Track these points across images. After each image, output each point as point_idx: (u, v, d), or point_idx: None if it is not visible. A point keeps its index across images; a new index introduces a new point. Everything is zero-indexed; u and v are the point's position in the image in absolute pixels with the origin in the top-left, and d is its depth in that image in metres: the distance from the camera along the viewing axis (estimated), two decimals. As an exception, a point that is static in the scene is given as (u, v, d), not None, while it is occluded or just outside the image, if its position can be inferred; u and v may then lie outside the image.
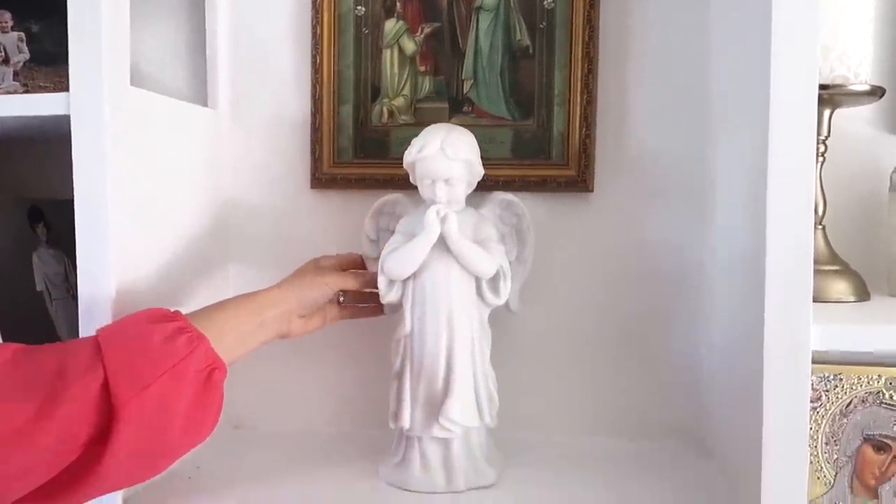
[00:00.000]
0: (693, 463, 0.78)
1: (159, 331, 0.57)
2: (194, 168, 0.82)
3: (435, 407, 0.70)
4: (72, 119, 0.65)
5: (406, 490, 0.71)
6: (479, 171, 0.73)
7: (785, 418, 0.59)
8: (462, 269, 0.71)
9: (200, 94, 0.87)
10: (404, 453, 0.73)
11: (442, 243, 0.70)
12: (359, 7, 0.85)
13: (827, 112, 0.72)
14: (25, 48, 0.78)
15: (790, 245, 0.57)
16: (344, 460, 0.79)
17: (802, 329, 0.58)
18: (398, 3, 0.85)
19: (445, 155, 0.69)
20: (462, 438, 0.72)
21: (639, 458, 0.79)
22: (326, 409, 0.89)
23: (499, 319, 0.77)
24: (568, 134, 0.82)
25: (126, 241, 0.68)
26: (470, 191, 0.74)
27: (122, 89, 0.67)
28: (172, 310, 0.61)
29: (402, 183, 0.78)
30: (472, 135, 0.73)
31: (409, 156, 0.72)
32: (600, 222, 0.84)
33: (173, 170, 0.77)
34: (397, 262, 0.71)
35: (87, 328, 0.65)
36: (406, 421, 0.71)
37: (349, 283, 0.75)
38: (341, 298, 0.76)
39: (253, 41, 0.88)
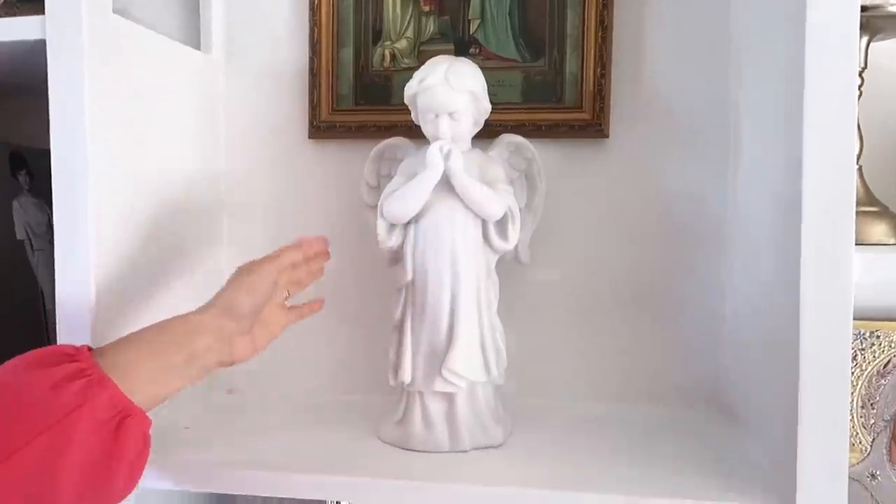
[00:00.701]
0: (717, 429, 0.73)
1: (44, 378, 0.47)
2: (184, 114, 0.77)
3: (438, 359, 0.65)
4: (48, 44, 0.61)
5: (406, 449, 0.66)
6: (486, 107, 0.68)
7: (824, 376, 0.53)
8: (467, 210, 0.66)
9: (193, 38, 0.83)
10: (405, 410, 0.68)
11: (446, 183, 0.65)
12: (359, -55, 0.81)
13: (864, 40, 0.66)
14: (6, -18, 0.74)
15: (829, 185, 0.51)
16: (340, 422, 0.74)
17: (844, 276, 0.52)
18: (401, -60, 0.80)
19: (449, 85, 0.64)
20: (467, 394, 0.66)
21: (657, 425, 0.73)
22: (324, 373, 0.84)
23: (507, 272, 0.72)
24: (582, 75, 0.77)
25: (107, 181, 0.63)
26: (476, 130, 0.69)
27: (103, 15, 0.63)
28: (79, 345, 0.51)
29: (405, 131, 0.74)
30: (477, 67, 0.68)
31: (411, 88, 0.67)
32: (616, 170, 0.78)
33: (161, 112, 0.73)
34: (398, 203, 0.66)
35: (64, 283, 0.61)
36: (407, 375, 0.66)
37: (284, 260, 0.63)
38: (287, 294, 0.66)
39: (248, -18, 0.84)
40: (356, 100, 0.82)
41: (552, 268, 0.79)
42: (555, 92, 0.78)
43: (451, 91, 0.64)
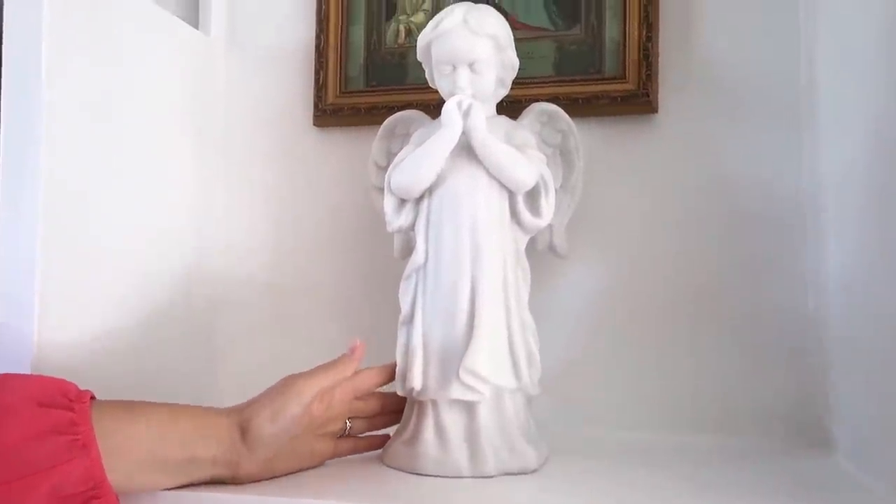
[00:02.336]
0: (805, 458, 0.58)
1: (33, 420, 0.41)
2: (180, 94, 0.69)
3: (455, 360, 0.52)
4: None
5: (416, 474, 0.52)
6: (514, 61, 0.58)
7: None
8: (491, 178, 0.55)
9: (192, 13, 0.76)
10: (415, 426, 0.54)
11: (465, 146, 0.55)
12: (373, -88, 0.73)
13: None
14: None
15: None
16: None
17: None
18: None
19: (469, 28, 0.55)
20: (492, 404, 0.53)
21: (727, 456, 0.58)
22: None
23: (540, 266, 0.60)
24: (625, 41, 0.67)
25: (63, 153, 0.54)
26: (502, 93, 0.59)
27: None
28: (83, 389, 0.45)
29: (423, 111, 0.64)
30: (502, 16, 0.58)
31: (424, 36, 0.57)
32: (668, 149, 0.67)
33: (151, 89, 0.64)
34: (408, 171, 0.55)
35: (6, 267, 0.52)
36: (417, 380, 0.53)
37: (330, 377, 0.52)
38: (348, 425, 0.55)
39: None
40: (367, 81, 0.73)
41: (595, 264, 0.67)
42: (593, 61, 0.68)
43: (471, 35, 0.55)
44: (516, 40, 0.61)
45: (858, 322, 0.53)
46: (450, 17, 0.55)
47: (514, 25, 0.68)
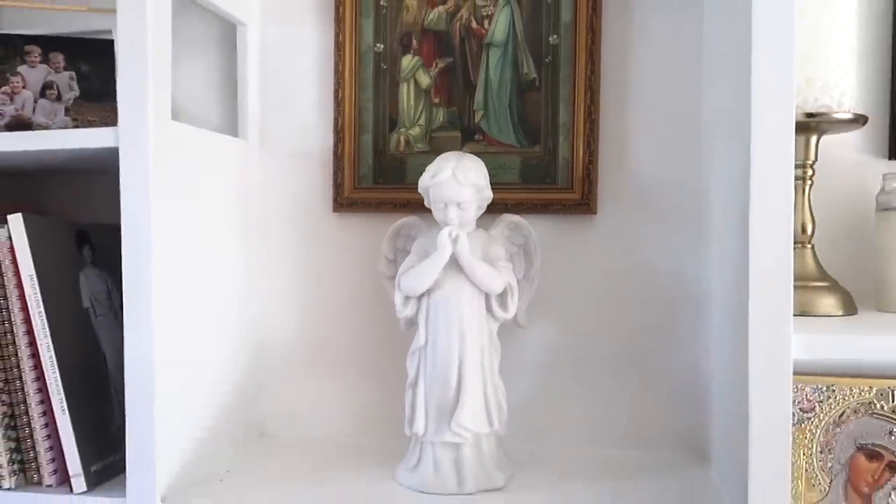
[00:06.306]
0: (693, 471, 0.83)
1: None
2: (226, 194, 0.89)
3: (447, 414, 0.75)
4: (120, 151, 0.72)
5: (420, 492, 0.76)
6: (489, 196, 0.79)
7: (768, 427, 0.63)
8: (473, 286, 0.77)
9: (232, 124, 0.95)
10: (419, 458, 0.78)
11: (454, 262, 0.76)
12: (378, 44, 0.92)
13: (814, 138, 0.77)
14: (76, 86, 0.87)
15: (771, 265, 0.62)
16: (362, 466, 0.84)
17: (784, 343, 0.62)
18: (414, 40, 0.92)
19: (457, 180, 0.75)
20: (472, 444, 0.77)
21: (641, 467, 0.84)
22: (346, 419, 0.95)
23: (508, 334, 0.83)
24: (572, 160, 0.88)
25: (166, 261, 0.74)
26: (480, 213, 0.80)
27: (165, 123, 0.75)
28: None
29: (418, 206, 0.84)
30: (481, 162, 0.79)
31: (424, 181, 0.78)
32: (603, 243, 0.89)
33: (208, 196, 0.84)
34: (412, 279, 0.77)
35: (132, 344, 0.73)
36: (420, 427, 0.76)
37: None
38: None
39: (280, 76, 0.96)
40: (375, 179, 0.93)
41: (548, 329, 0.90)
42: (549, 174, 0.89)
43: (458, 186, 0.76)
44: (492, 154, 0.82)
45: (730, 376, 0.76)
46: (443, 172, 0.76)
47: (490, 142, 0.90)
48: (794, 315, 0.70)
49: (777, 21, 0.60)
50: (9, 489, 0.76)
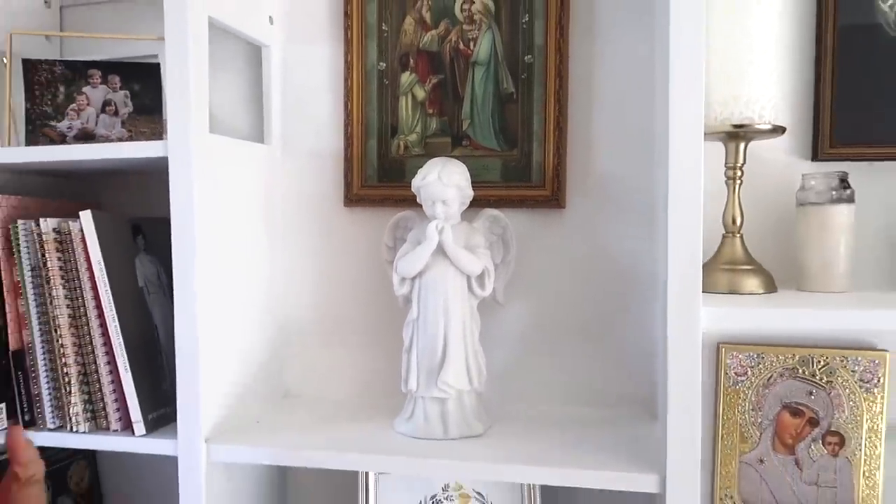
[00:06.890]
0: (642, 425, 0.99)
1: None
2: (254, 192, 1.06)
3: (435, 374, 0.92)
4: (169, 160, 0.89)
5: (412, 437, 0.93)
6: (470, 194, 0.95)
7: (683, 389, 0.78)
8: (456, 269, 0.93)
9: (258, 132, 1.12)
10: (412, 410, 0.95)
11: (441, 250, 0.92)
12: (381, 63, 1.08)
13: (742, 145, 0.91)
14: (130, 103, 1.04)
15: (684, 253, 0.77)
16: (367, 418, 1.02)
17: (693, 315, 0.77)
18: (411, 60, 1.08)
19: (442, 182, 0.91)
20: (456, 399, 0.93)
21: (600, 421, 1.00)
22: (354, 381, 1.12)
23: (490, 310, 0.99)
24: (544, 162, 1.03)
25: (206, 251, 0.92)
26: (463, 209, 0.96)
27: (204, 136, 0.91)
28: None
29: (415, 202, 0.99)
30: (463, 165, 0.95)
31: (415, 182, 0.94)
32: (570, 233, 1.04)
33: (239, 194, 1.01)
34: (407, 264, 0.94)
35: (181, 321, 0.90)
36: (413, 385, 0.93)
37: None
38: None
39: (299, 91, 1.12)
40: (380, 178, 1.09)
41: (523, 306, 1.06)
42: (525, 174, 1.05)
43: (443, 186, 0.92)
44: (476, 157, 0.99)
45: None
46: (430, 175, 0.92)
47: (476, 147, 1.06)
48: (724, 293, 0.87)
49: (689, 50, 0.75)
50: (84, 433, 0.95)
